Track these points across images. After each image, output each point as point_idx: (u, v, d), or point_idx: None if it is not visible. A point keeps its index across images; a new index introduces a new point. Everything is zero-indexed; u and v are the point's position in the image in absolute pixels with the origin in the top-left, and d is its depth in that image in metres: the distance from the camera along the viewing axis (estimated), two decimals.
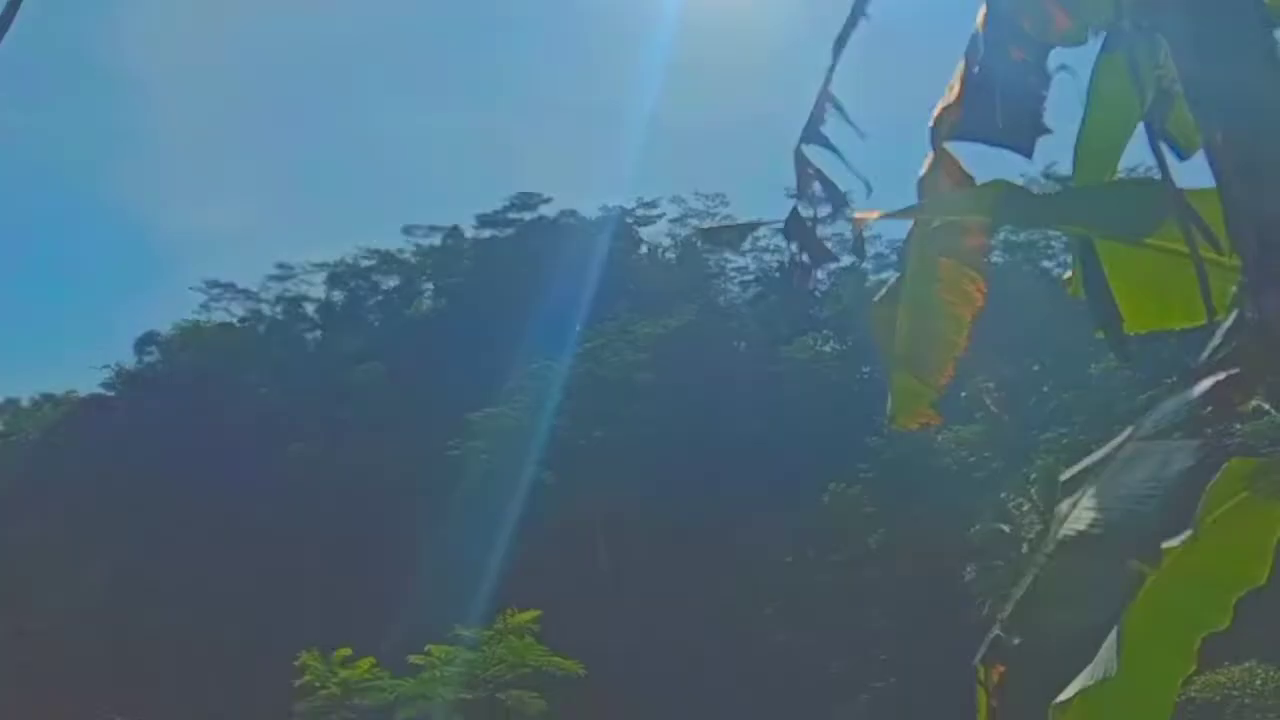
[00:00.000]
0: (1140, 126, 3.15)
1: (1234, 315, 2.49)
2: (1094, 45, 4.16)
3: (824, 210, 3.08)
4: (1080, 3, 4.00)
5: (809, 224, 3.00)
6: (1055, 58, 3.97)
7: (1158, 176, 2.75)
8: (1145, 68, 2.71)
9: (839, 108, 2.96)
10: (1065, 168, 4.52)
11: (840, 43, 2.96)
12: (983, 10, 3.46)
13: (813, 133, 2.95)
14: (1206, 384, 2.39)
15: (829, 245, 3.55)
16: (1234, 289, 2.54)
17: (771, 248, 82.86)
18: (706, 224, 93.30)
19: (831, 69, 2.99)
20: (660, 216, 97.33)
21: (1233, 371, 2.37)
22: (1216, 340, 2.51)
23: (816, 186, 3.01)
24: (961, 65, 4.19)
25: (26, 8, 2.48)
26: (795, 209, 2.98)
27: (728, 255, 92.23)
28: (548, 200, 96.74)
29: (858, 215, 3.39)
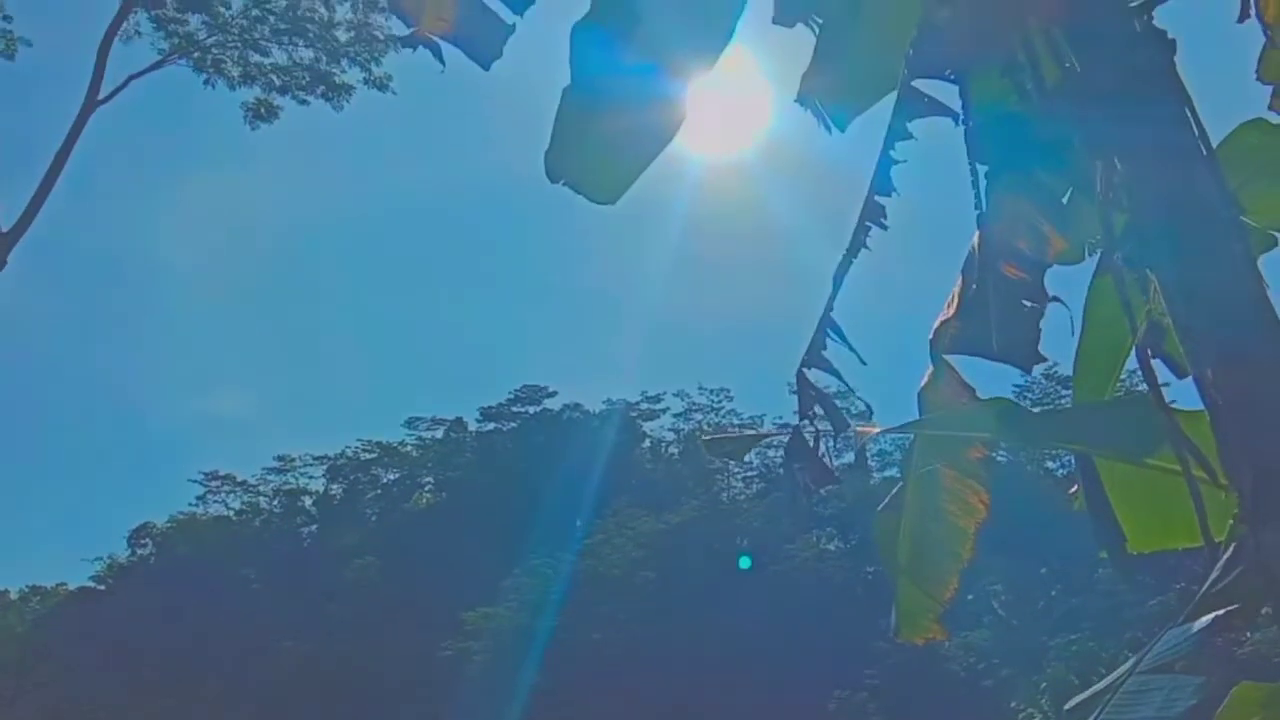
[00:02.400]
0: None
1: (1233, 546, 2.43)
2: (1092, 261, 4.20)
3: (826, 430, 3.03)
4: (1077, 224, 4.05)
5: (810, 445, 2.95)
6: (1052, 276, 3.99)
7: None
8: (1136, 299, 2.70)
9: (840, 335, 2.94)
10: (1066, 367, 4.50)
11: (840, 273, 2.98)
12: (977, 232, 3.49)
13: (814, 357, 2.93)
14: (1208, 619, 2.33)
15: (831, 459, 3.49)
16: (1232, 519, 2.48)
17: (775, 444, 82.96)
18: (710, 419, 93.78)
19: (832, 297, 3.00)
20: (664, 411, 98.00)
21: (1233, 607, 2.30)
22: (1217, 572, 2.45)
23: (818, 408, 2.97)
24: (959, 281, 4.22)
25: None
26: (797, 430, 2.93)
27: (732, 434, 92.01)
28: (552, 394, 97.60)
29: (859, 429, 3.34)
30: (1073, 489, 3.82)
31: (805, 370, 2.98)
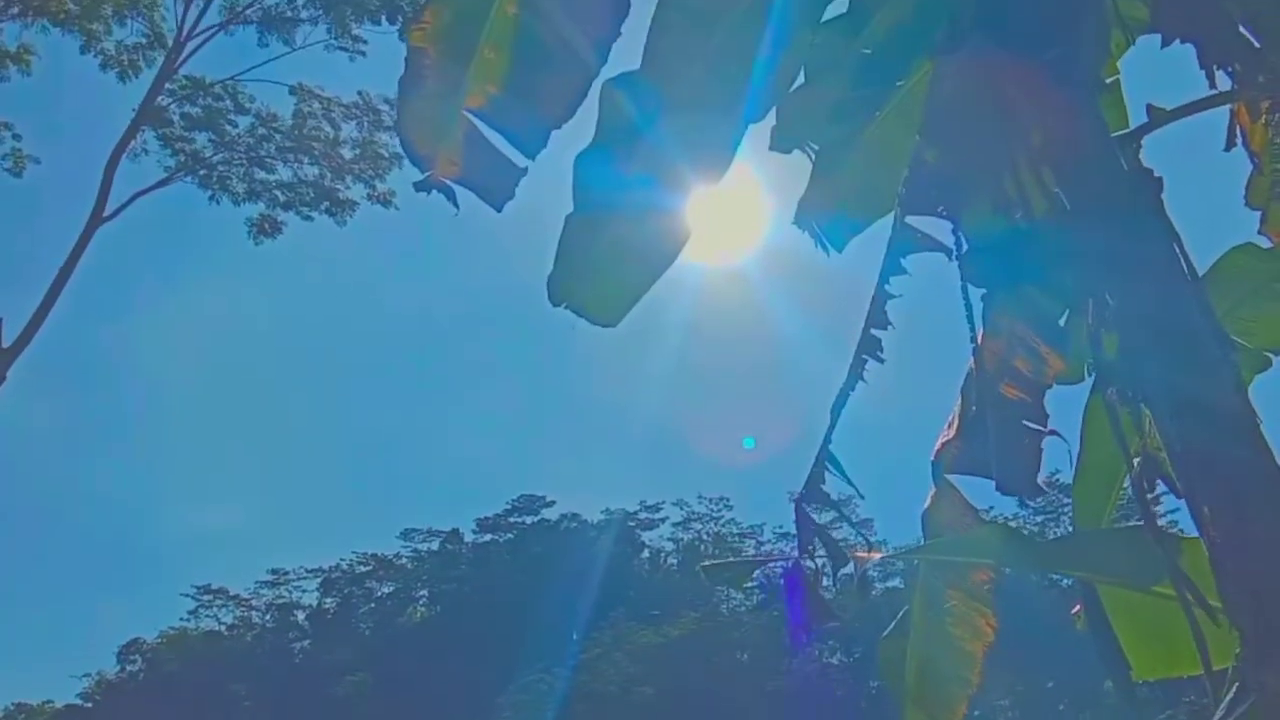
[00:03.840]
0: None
1: (1235, 686, 2.41)
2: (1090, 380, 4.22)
3: (825, 564, 3.02)
4: (1076, 344, 4.10)
5: (810, 582, 2.93)
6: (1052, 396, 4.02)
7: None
8: (1130, 433, 2.72)
9: (839, 468, 2.96)
10: (1068, 473, 4.51)
11: (838, 406, 3.01)
12: (974, 351, 3.54)
13: (813, 491, 2.94)
14: None
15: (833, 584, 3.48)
16: (1235, 659, 2.46)
17: (775, 553, 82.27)
18: (709, 529, 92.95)
19: (830, 429, 3.02)
20: (663, 520, 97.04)
21: None
22: (1221, 712, 2.42)
23: (817, 541, 2.96)
24: (959, 401, 4.25)
25: None
26: (795, 563, 2.92)
27: (730, 559, 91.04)
28: (550, 503, 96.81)
29: (861, 555, 3.33)
30: (1075, 609, 3.79)
31: (804, 503, 2.99)
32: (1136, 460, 2.72)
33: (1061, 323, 4.28)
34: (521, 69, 3.98)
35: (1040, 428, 4.07)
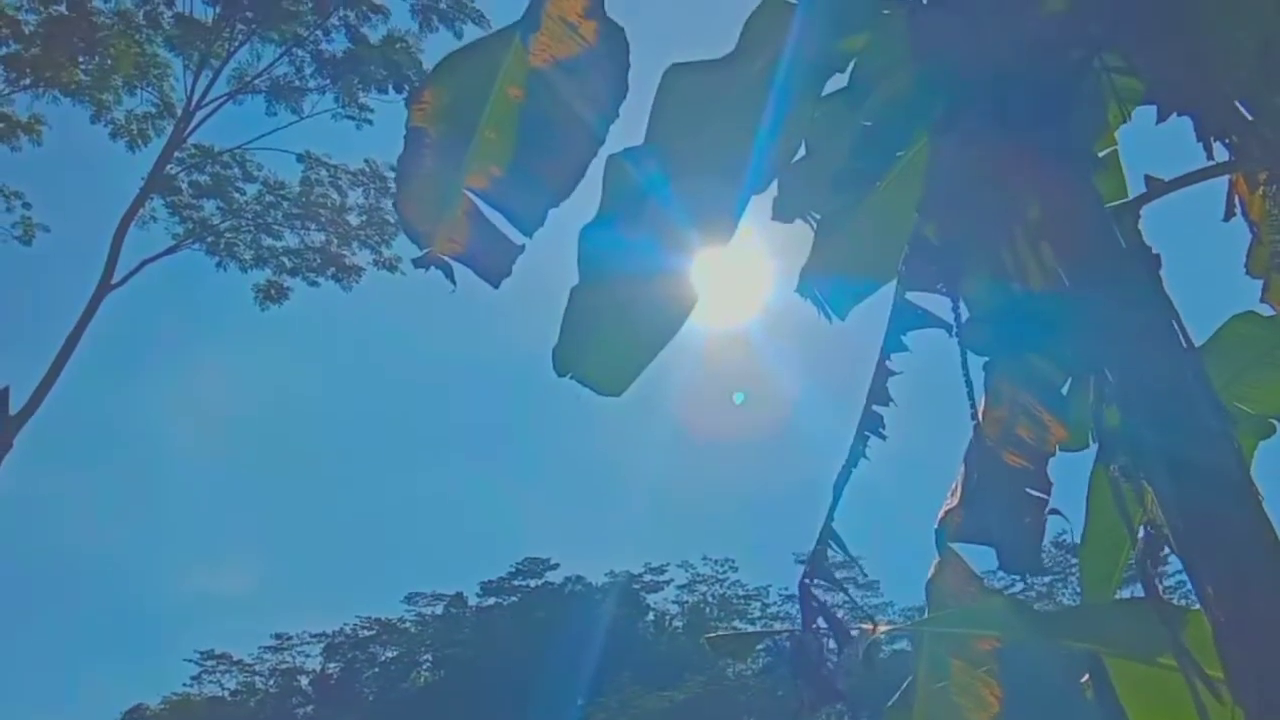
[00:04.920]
0: None
1: None
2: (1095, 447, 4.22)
3: (831, 641, 3.01)
4: (1078, 411, 4.12)
5: (814, 660, 2.93)
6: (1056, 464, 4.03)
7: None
8: (1134, 508, 2.73)
9: (842, 546, 2.97)
10: (1075, 531, 4.50)
11: (840, 483, 3.03)
12: (974, 425, 3.56)
13: (818, 568, 2.95)
14: None
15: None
16: None
17: (781, 615, 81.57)
18: (715, 590, 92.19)
19: (833, 506, 3.04)
20: (668, 583, 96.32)
21: None
22: None
23: (821, 620, 2.96)
24: (962, 469, 4.26)
25: None
26: (800, 640, 2.92)
27: (736, 624, 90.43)
28: (554, 566, 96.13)
29: (865, 628, 3.32)
30: (1084, 677, 3.78)
31: (808, 582, 3.00)
32: (1140, 534, 2.73)
33: (1064, 390, 4.30)
34: (522, 149, 4.06)
35: (1044, 495, 4.08)
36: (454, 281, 4.17)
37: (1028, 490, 4.04)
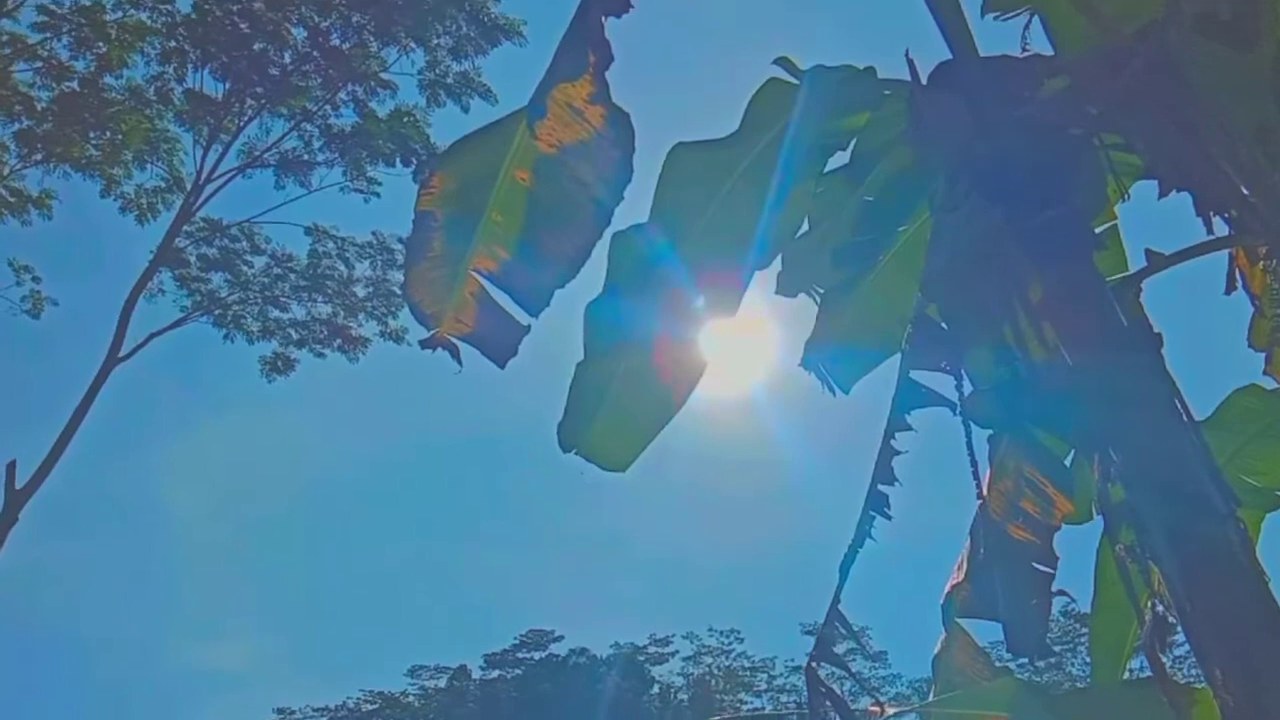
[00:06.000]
0: None
1: None
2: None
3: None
4: (1082, 484, 4.12)
5: None
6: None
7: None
8: (1141, 587, 2.72)
9: (849, 629, 2.95)
10: (1084, 602, 4.46)
11: (846, 565, 3.02)
12: (980, 502, 3.55)
13: (824, 652, 2.93)
14: None
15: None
16: None
17: (787, 687, 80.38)
18: (720, 662, 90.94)
19: (839, 588, 3.03)
20: (673, 654, 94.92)
21: None
22: None
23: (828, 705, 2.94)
24: (968, 544, 4.25)
25: None
26: None
27: (742, 696, 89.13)
28: (559, 638, 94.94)
29: (870, 708, 3.30)
30: None
31: (815, 665, 2.98)
32: (1148, 614, 2.71)
33: (1067, 462, 4.30)
34: (528, 231, 4.11)
35: (1050, 570, 4.06)
36: (460, 363, 4.20)
37: (1034, 565, 4.03)
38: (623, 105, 3.81)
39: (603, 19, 3.45)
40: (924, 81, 3.85)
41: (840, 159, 4.78)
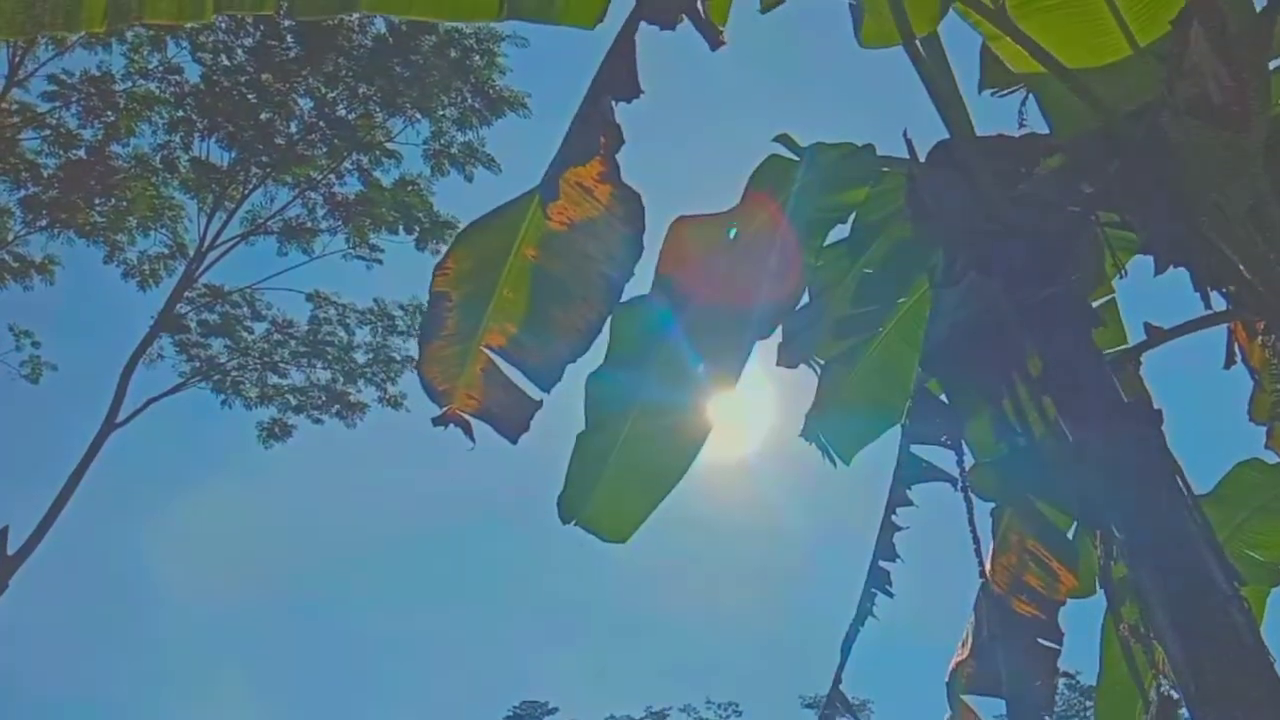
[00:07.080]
0: None
1: None
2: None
3: None
4: (1085, 557, 4.10)
5: None
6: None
7: None
8: (1145, 669, 2.71)
9: (849, 709, 2.93)
10: (1089, 674, 4.40)
11: (847, 644, 3.01)
12: (982, 580, 3.54)
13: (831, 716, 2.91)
14: None
15: None
16: None
17: None
18: None
19: (841, 666, 3.01)
20: None
21: None
22: None
23: None
24: (972, 619, 4.22)
25: None
26: None
27: None
28: (552, 710, 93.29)
29: None
30: None
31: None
32: (1153, 695, 2.69)
33: (1070, 535, 4.28)
34: (539, 308, 4.14)
35: (1055, 645, 4.02)
36: (473, 439, 4.18)
37: (1039, 640, 3.99)
38: (633, 186, 3.85)
39: (613, 103, 3.51)
40: (922, 159, 3.91)
41: (840, 232, 4.84)
